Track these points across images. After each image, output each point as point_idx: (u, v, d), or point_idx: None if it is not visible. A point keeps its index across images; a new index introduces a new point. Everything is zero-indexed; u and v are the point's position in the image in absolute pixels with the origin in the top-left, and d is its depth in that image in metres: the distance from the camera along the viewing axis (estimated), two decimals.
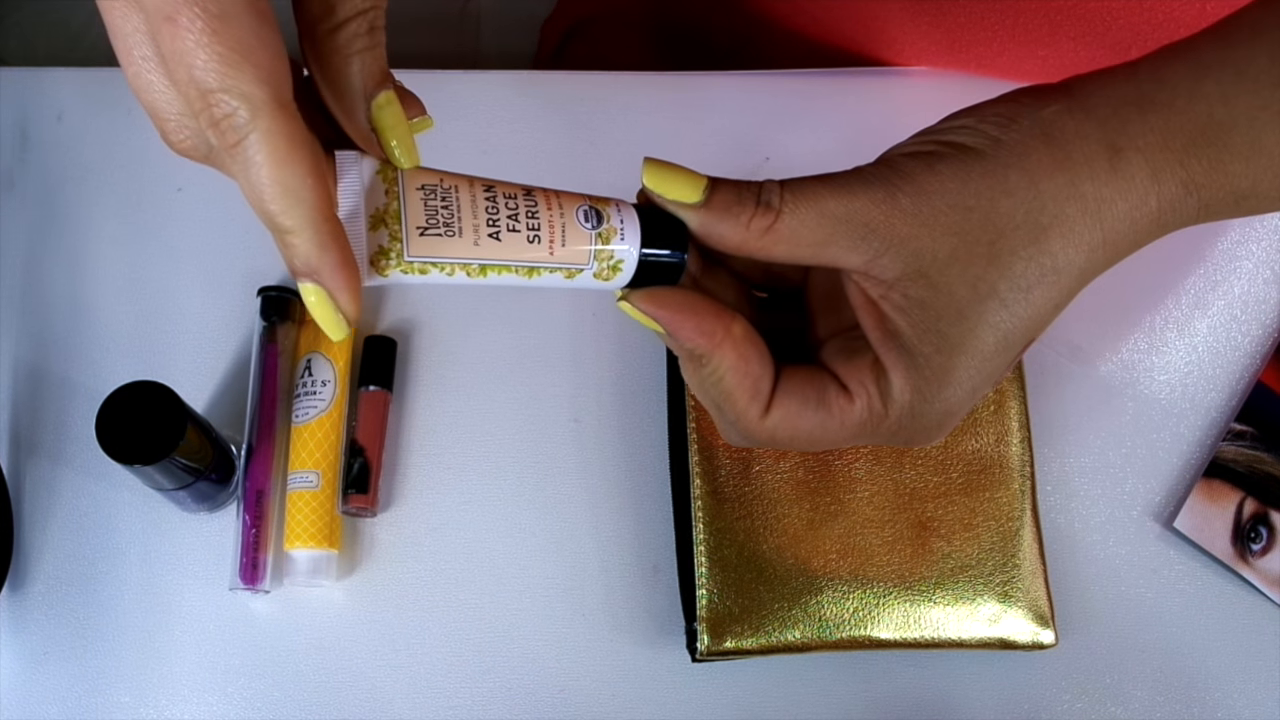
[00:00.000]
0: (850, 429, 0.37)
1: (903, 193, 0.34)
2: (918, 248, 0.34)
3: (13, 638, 0.55)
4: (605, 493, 0.58)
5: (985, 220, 0.34)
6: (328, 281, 0.31)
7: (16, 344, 0.59)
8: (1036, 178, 0.34)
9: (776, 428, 0.37)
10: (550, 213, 0.35)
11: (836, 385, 0.37)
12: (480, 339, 0.60)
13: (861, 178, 0.35)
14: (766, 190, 0.35)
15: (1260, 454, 0.59)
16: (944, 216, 0.34)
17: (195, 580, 0.56)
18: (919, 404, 0.36)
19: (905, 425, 0.37)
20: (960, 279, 0.34)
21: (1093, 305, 0.62)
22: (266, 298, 0.59)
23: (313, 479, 0.56)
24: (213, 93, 0.28)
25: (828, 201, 0.34)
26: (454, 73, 0.65)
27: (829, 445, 0.38)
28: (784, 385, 0.37)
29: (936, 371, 0.35)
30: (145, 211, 0.62)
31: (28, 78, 0.64)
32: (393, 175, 0.34)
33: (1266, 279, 0.63)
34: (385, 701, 0.55)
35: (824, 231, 0.35)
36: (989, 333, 0.35)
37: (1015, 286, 0.35)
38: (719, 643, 0.52)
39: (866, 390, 0.37)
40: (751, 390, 0.37)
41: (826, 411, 0.37)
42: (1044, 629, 0.54)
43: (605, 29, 0.82)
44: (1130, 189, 0.35)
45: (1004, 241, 0.34)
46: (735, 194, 0.35)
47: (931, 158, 0.35)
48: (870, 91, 0.66)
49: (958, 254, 0.34)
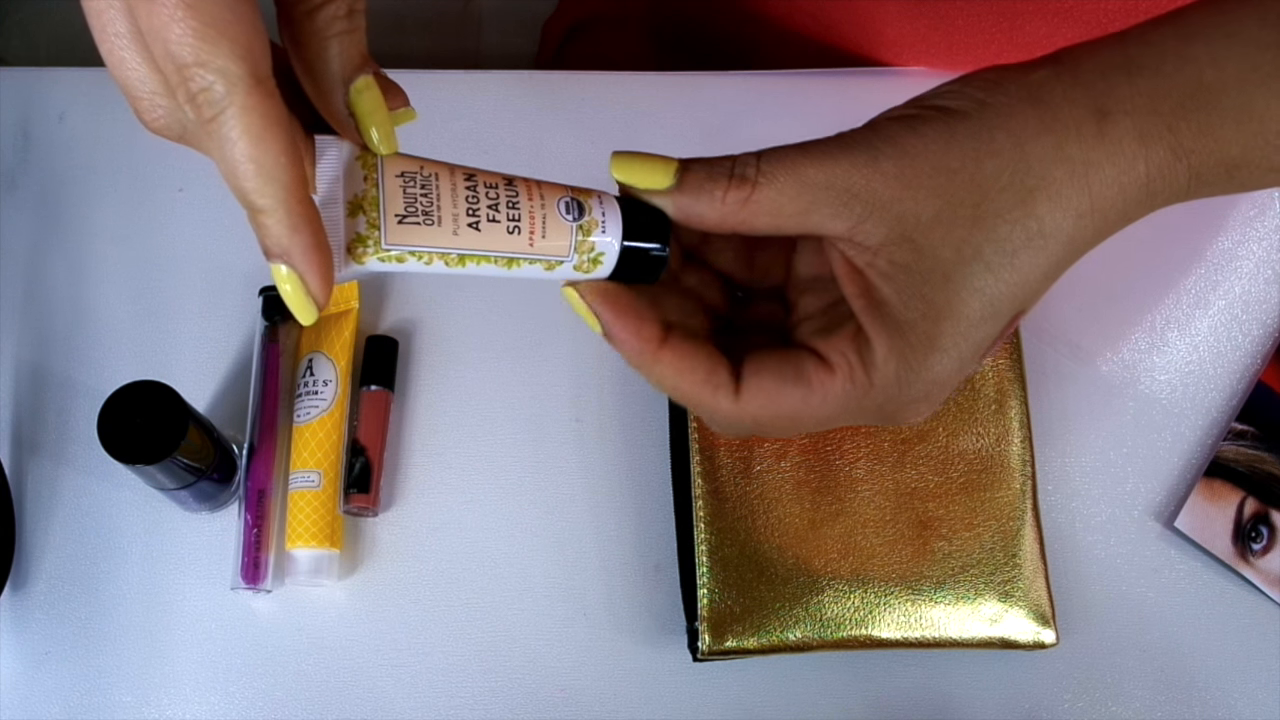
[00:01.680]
0: (833, 403, 0.36)
1: (885, 156, 0.34)
2: (901, 211, 0.34)
3: (14, 637, 0.55)
4: (606, 492, 0.58)
5: (970, 182, 0.34)
6: (299, 263, 0.31)
7: (18, 344, 0.59)
8: (1022, 139, 0.34)
9: (756, 411, 0.37)
10: (531, 203, 0.35)
11: (815, 360, 0.37)
12: (482, 339, 0.60)
13: (842, 143, 0.35)
14: (740, 163, 0.35)
15: (1261, 453, 0.59)
16: (927, 179, 0.34)
17: (197, 580, 0.56)
18: (904, 373, 0.35)
19: (891, 398, 0.36)
20: (944, 241, 0.34)
21: (1093, 305, 0.62)
22: (268, 297, 0.59)
23: (314, 478, 0.56)
24: (188, 67, 0.28)
25: (806, 169, 0.34)
26: (454, 73, 0.65)
27: (815, 425, 0.37)
28: (756, 368, 0.37)
29: (922, 338, 0.35)
30: (147, 211, 0.62)
31: (29, 78, 0.64)
32: (372, 162, 0.33)
33: (1267, 279, 0.63)
34: (386, 701, 0.55)
35: (805, 200, 0.34)
36: (974, 297, 0.34)
37: (1000, 250, 0.34)
38: (720, 642, 0.52)
39: (848, 360, 0.36)
40: (705, 384, 0.36)
41: (806, 387, 0.36)
42: (1045, 628, 0.54)
43: (606, 29, 0.82)
44: (1118, 153, 0.34)
45: (989, 204, 0.34)
46: (707, 171, 0.35)
47: (915, 120, 0.35)
48: (869, 92, 0.66)
49: (941, 216, 0.34)
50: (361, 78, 0.32)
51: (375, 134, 0.33)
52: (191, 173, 0.62)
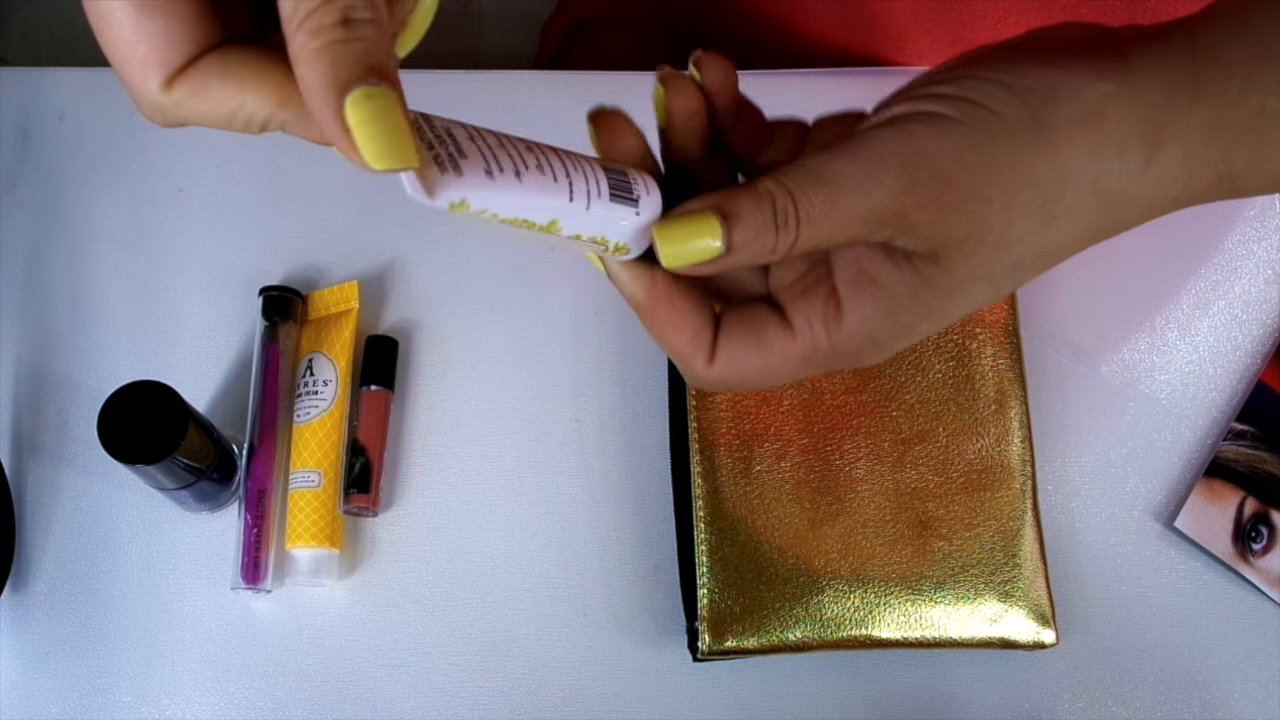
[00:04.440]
0: (794, 366, 0.37)
1: (920, 184, 0.33)
2: (932, 232, 0.34)
3: (14, 637, 0.55)
4: (606, 492, 0.58)
5: (1004, 210, 0.33)
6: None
7: (18, 344, 0.59)
8: (1063, 170, 0.33)
9: (724, 374, 0.37)
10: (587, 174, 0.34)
11: (777, 322, 0.37)
12: (482, 339, 0.60)
13: (875, 164, 0.33)
14: (781, 213, 0.34)
15: (1261, 453, 0.59)
16: (964, 206, 0.33)
17: (197, 580, 0.56)
18: (869, 347, 0.36)
19: (848, 358, 0.37)
20: (964, 263, 0.34)
21: (1093, 305, 0.62)
22: (268, 297, 0.59)
23: (314, 478, 0.56)
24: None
25: (843, 208, 0.33)
26: (455, 73, 0.65)
27: (781, 381, 0.38)
28: (725, 332, 0.37)
29: (901, 329, 0.35)
30: (147, 211, 0.62)
31: (30, 77, 0.64)
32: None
33: (1267, 279, 0.63)
34: (386, 701, 0.55)
35: (842, 236, 0.34)
36: (968, 302, 0.35)
37: (1009, 266, 0.35)
38: (720, 642, 0.52)
39: (812, 329, 0.36)
40: (691, 343, 0.37)
41: (769, 351, 0.37)
42: (1045, 628, 0.54)
43: (606, 29, 0.82)
44: (1159, 184, 0.34)
45: (1014, 230, 0.34)
46: (755, 230, 0.34)
47: (956, 133, 0.33)
48: (873, 91, 0.65)
49: (969, 239, 0.34)
50: (360, 88, 0.28)
51: (366, 148, 0.29)
52: (191, 173, 0.62)
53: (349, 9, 0.29)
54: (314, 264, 0.61)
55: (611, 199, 0.34)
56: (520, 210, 0.32)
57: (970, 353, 0.57)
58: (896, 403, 0.56)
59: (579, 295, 0.61)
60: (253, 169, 0.62)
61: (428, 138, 0.32)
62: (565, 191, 0.33)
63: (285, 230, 0.62)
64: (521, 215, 0.32)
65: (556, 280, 0.61)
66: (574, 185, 0.33)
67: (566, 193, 0.33)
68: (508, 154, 0.32)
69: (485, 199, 0.31)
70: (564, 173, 0.33)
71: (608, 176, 0.34)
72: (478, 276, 0.61)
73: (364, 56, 0.29)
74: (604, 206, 0.33)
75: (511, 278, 0.61)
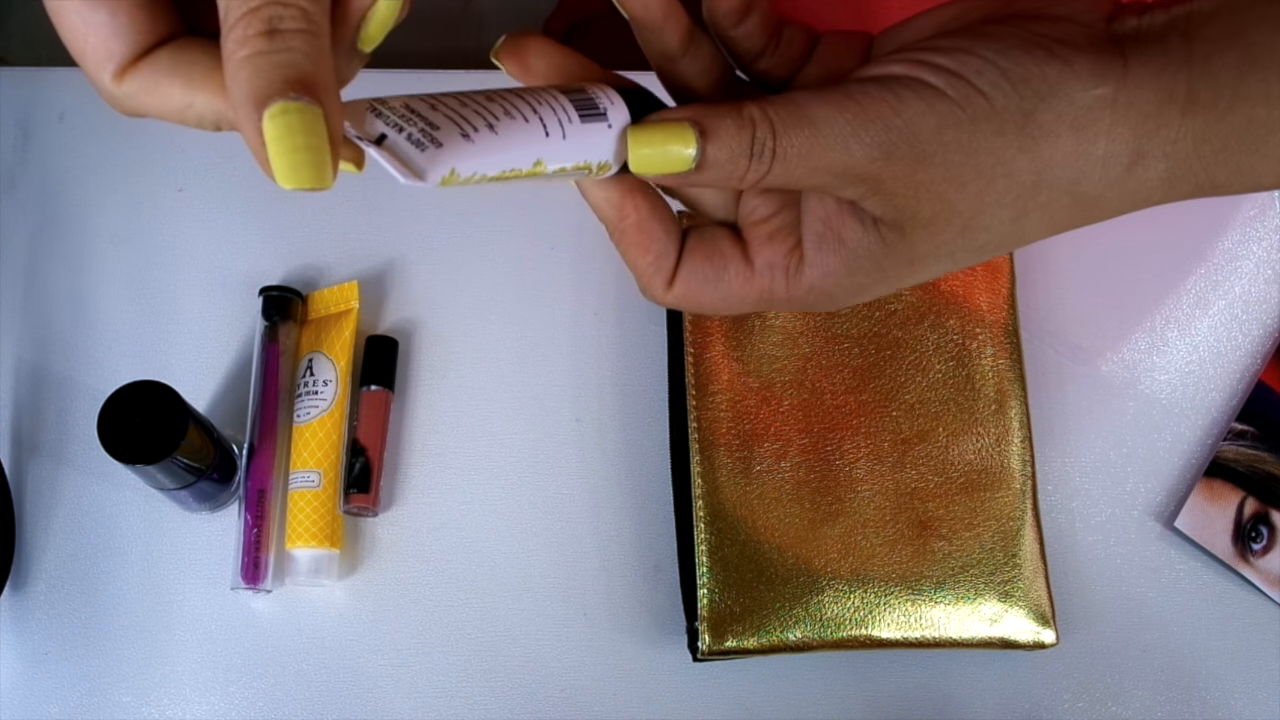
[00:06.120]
0: (749, 303, 0.38)
1: (899, 156, 0.33)
2: (902, 204, 0.34)
3: (14, 637, 0.55)
4: (606, 492, 0.58)
5: (976, 197, 0.33)
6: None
7: (18, 344, 0.59)
8: (1043, 167, 0.33)
9: (680, 299, 0.38)
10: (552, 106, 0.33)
11: (739, 259, 0.37)
12: (481, 339, 0.60)
13: (861, 122, 0.33)
14: (759, 142, 0.33)
15: (1261, 453, 0.59)
16: (937, 187, 0.33)
17: (197, 580, 0.56)
18: (822, 299, 0.37)
19: (797, 306, 0.38)
20: (928, 240, 0.34)
21: (1093, 305, 0.62)
22: (268, 297, 0.59)
23: (314, 478, 0.56)
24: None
25: (820, 156, 0.33)
26: (455, 73, 0.65)
27: (733, 313, 0.39)
28: (687, 259, 0.37)
29: (856, 288, 0.36)
30: (147, 211, 0.62)
31: (30, 77, 0.64)
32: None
33: (1267, 279, 0.63)
34: (386, 701, 0.55)
35: (816, 179, 0.34)
36: (921, 274, 0.36)
37: (971, 248, 0.35)
38: (720, 642, 0.52)
39: (772, 272, 0.37)
40: (653, 265, 0.37)
41: (726, 287, 0.37)
42: (1045, 628, 0.54)
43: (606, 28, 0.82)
44: (1137, 190, 0.34)
45: (982, 218, 0.34)
46: (729, 154, 0.33)
47: (943, 109, 0.33)
48: None
49: (937, 218, 0.34)
50: (278, 103, 0.27)
51: (276, 164, 0.28)
52: (191, 173, 0.62)
53: (275, 19, 0.27)
54: (314, 264, 0.61)
55: (582, 120, 0.33)
56: (505, 162, 0.32)
57: (970, 353, 0.57)
58: (896, 403, 0.56)
59: (579, 295, 0.61)
60: (253, 169, 0.62)
61: (392, 121, 0.31)
62: (540, 128, 0.32)
63: (285, 230, 0.62)
64: (508, 167, 0.32)
65: (556, 280, 0.61)
66: (545, 120, 0.32)
67: (541, 129, 0.32)
68: (473, 110, 0.32)
69: (471, 163, 0.31)
70: (531, 110, 0.33)
71: (570, 99, 0.34)
72: (478, 276, 0.61)
73: (286, 69, 0.27)
74: (578, 130, 0.33)
75: (511, 278, 0.61)
